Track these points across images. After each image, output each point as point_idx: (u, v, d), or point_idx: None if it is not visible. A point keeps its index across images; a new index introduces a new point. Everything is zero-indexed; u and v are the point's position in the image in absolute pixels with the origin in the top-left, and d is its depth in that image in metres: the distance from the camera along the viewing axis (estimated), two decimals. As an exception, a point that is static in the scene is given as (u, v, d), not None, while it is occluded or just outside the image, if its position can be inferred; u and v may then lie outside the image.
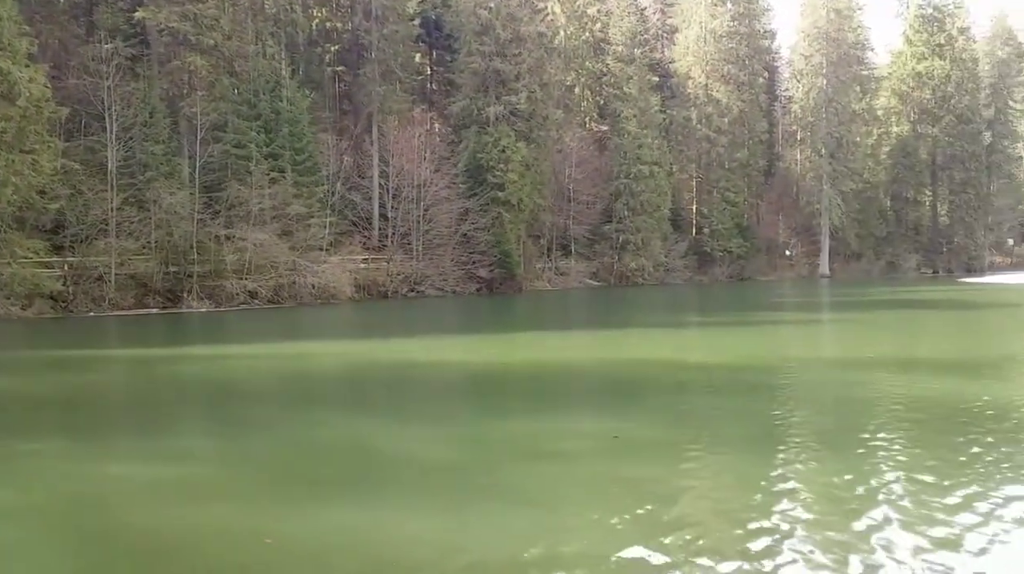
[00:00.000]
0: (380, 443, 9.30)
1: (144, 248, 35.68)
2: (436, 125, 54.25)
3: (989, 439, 8.62)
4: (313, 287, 39.85)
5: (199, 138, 38.60)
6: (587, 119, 67.35)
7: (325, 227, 42.59)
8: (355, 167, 49.24)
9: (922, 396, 11.39)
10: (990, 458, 7.64)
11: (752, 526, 5.82)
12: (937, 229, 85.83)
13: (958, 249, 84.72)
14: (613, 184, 61.00)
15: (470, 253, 49.38)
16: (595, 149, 62.91)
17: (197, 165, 38.59)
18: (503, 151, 50.27)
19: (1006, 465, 7.39)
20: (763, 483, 6.98)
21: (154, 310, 34.45)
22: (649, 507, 6.37)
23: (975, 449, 8.04)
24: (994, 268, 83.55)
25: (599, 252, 61.37)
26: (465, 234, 49.24)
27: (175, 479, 7.78)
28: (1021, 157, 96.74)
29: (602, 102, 66.45)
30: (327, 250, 42.34)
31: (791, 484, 6.92)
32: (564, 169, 58.44)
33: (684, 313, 34.39)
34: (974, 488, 6.59)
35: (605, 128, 64.39)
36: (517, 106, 51.48)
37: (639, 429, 9.81)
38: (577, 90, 67.37)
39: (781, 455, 8.02)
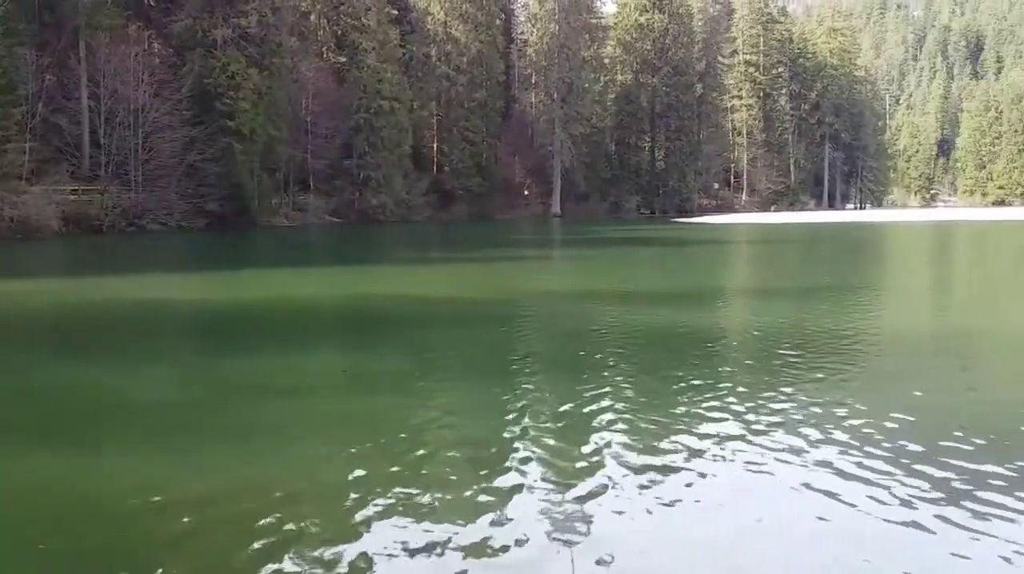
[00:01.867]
0: (98, 385, 8.33)
1: None
2: (156, 45, 49.58)
3: (697, 362, 9.38)
4: (11, 220, 35.51)
5: None
6: (324, 49, 64.88)
7: (24, 153, 37.90)
8: (60, 87, 43.98)
9: (643, 325, 12.17)
10: (699, 380, 8.26)
11: (492, 451, 5.83)
12: (655, 173, 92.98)
13: (672, 192, 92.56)
14: (353, 118, 59.68)
15: (198, 185, 46.28)
16: (333, 81, 60.96)
17: None
18: (232, 77, 47.25)
19: (711, 380, 8.02)
20: (499, 410, 7.04)
21: None
22: (387, 438, 6.20)
23: (691, 371, 8.67)
24: (702, 210, 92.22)
25: (339, 188, 60.06)
26: (192, 165, 46.00)
27: None
28: (727, 108, 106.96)
29: (340, 32, 64.28)
30: (28, 179, 37.77)
31: (527, 410, 7.04)
32: (301, 100, 56.18)
33: (426, 250, 34.57)
34: (689, 407, 7.06)
35: (344, 60, 62.48)
36: (247, 29, 48.42)
37: (379, 363, 9.60)
38: (313, 17, 64.59)
39: (517, 382, 8.16)
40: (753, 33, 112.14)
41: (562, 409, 7.03)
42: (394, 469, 5.40)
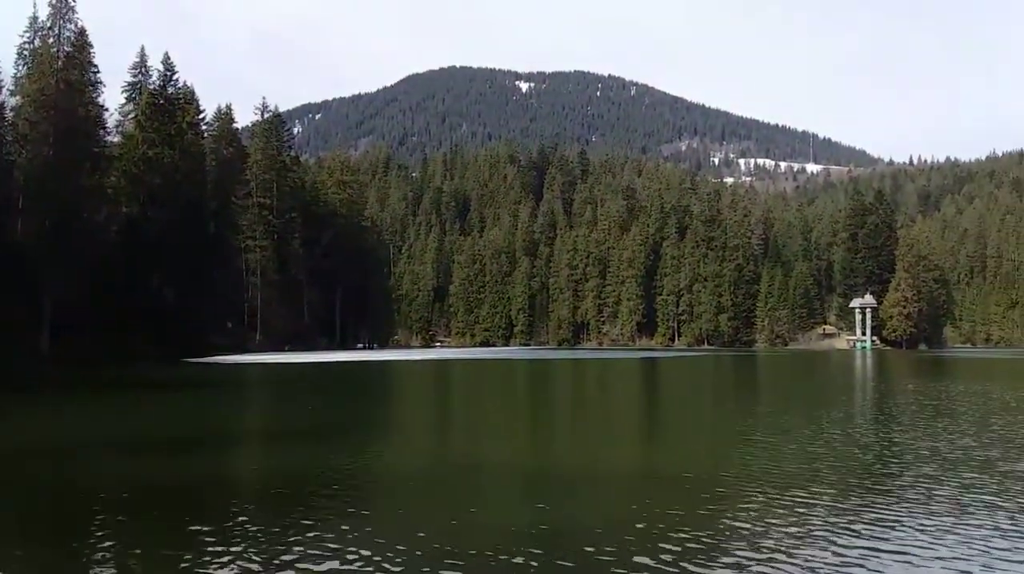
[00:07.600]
0: None
1: None
2: None
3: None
4: None
5: None
6: None
7: None
8: None
9: (141, 477, 11.09)
10: (211, 534, 7.67)
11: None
12: (165, 310, 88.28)
13: (184, 330, 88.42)
14: None
15: None
16: None
17: None
18: None
19: (227, 533, 7.51)
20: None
21: None
22: None
23: (202, 525, 8.02)
24: (216, 349, 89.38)
25: None
26: None
27: None
28: (241, 248, 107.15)
29: None
30: None
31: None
32: None
33: None
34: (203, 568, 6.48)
35: None
36: None
37: None
38: None
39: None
40: (267, 178, 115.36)
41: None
42: None
